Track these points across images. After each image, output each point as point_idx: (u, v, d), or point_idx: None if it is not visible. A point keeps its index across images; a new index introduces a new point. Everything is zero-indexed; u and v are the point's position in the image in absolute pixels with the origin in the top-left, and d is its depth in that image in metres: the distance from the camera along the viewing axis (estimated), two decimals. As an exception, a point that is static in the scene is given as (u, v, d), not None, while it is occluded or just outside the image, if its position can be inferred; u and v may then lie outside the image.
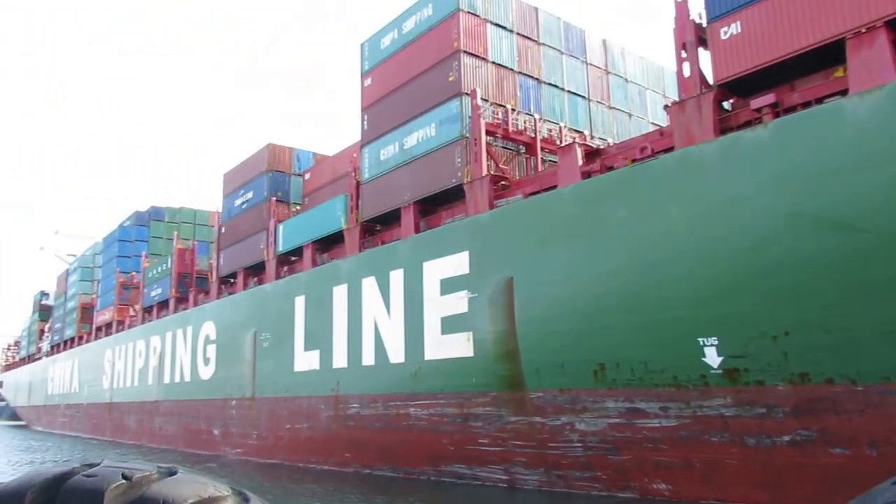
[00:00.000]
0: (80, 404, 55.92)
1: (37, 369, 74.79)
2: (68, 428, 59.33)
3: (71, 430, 58.27)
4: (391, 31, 26.49)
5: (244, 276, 34.46)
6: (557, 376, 17.34)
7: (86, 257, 67.21)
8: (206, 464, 29.61)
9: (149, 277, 47.02)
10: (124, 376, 46.45)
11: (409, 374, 21.64)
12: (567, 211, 17.80)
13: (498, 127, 22.49)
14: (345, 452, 24.42)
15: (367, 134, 26.56)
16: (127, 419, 45.50)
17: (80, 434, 54.81)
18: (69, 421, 59.49)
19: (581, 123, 26.13)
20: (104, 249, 59.78)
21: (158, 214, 56.11)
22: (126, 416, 45.63)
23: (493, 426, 19.02)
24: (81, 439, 50.51)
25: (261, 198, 33.65)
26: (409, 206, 23.50)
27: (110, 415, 48.75)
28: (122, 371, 47.04)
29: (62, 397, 61.96)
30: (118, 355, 48.04)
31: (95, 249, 64.69)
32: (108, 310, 53.44)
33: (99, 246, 63.48)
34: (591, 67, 27.54)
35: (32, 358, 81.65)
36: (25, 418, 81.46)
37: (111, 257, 55.83)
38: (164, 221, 55.20)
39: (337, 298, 25.38)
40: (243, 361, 31.07)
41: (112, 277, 53.54)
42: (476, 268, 19.89)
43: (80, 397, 55.99)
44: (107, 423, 49.43)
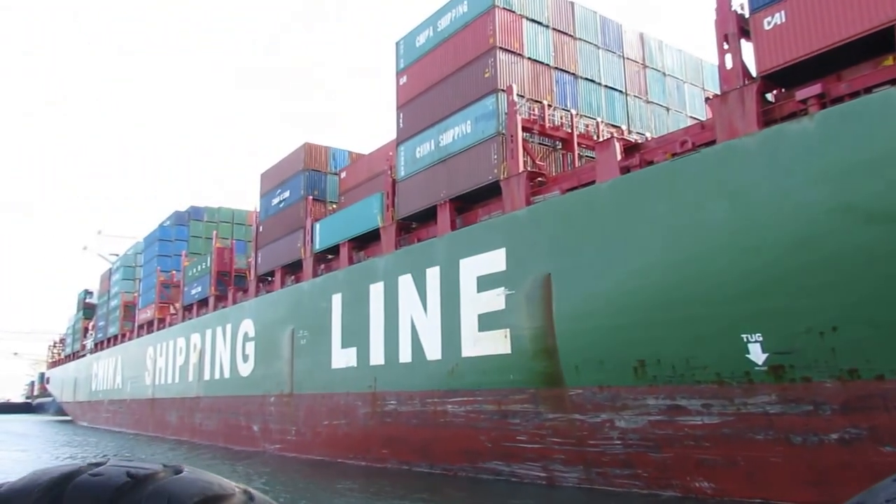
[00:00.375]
0: (124, 400, 57.22)
1: (81, 366, 76.74)
2: (112, 423, 60.74)
3: (115, 425, 59.65)
4: (426, 29, 26.53)
5: (282, 275, 34.87)
6: (596, 373, 17.20)
7: (128, 256, 68.73)
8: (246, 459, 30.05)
9: (189, 276, 47.87)
10: (166, 373, 47.40)
11: (447, 371, 21.67)
12: (606, 206, 17.63)
13: (534, 123, 22.38)
14: (382, 449, 24.56)
15: (403, 132, 26.65)
16: (168, 415, 46.41)
17: (123, 429, 56.10)
18: (113, 416, 60.92)
19: (618, 118, 25.85)
20: (145, 249, 61.05)
21: (197, 214, 57.08)
22: (168, 412, 46.55)
23: (532, 423, 18.94)
24: (124, 434, 51.67)
25: (297, 197, 34.02)
26: (445, 204, 23.52)
27: (152, 411, 49.77)
28: (163, 368, 48.01)
29: (106, 393, 63.48)
30: (160, 352, 49.04)
31: (137, 249, 66.11)
32: (150, 308, 54.57)
33: (140, 245, 64.86)
34: (628, 62, 27.21)
35: (77, 355, 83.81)
36: (71, 413, 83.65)
37: (152, 256, 56.99)
38: (203, 221, 56.12)
39: (373, 296, 25.53)
40: (281, 358, 31.46)
41: (153, 276, 54.67)
42: (513, 265, 19.83)
43: (124, 393, 57.29)
44: (149, 418, 50.47)
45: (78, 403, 77.55)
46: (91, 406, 70.31)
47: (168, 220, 58.71)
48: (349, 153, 35.86)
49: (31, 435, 56.84)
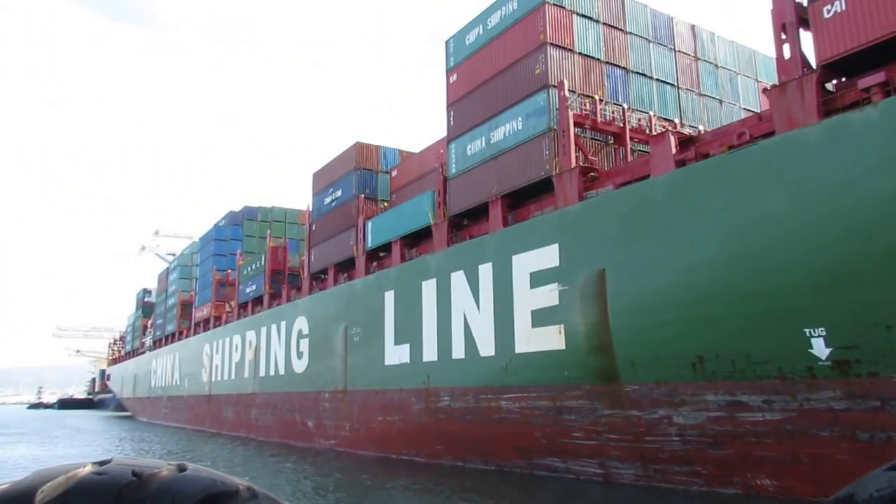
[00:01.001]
0: (182, 396, 58.91)
1: (141, 363, 79.27)
2: (170, 419, 62.61)
3: (173, 420, 61.47)
4: (476, 27, 26.68)
5: (334, 272, 35.47)
6: (653, 369, 17.09)
7: (184, 256, 70.75)
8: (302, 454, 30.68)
9: (244, 275, 49.03)
10: (222, 369, 48.65)
11: (500, 368, 21.78)
12: (661, 200, 17.50)
13: (586, 118, 22.30)
14: (436, 445, 24.81)
15: (454, 130, 26.84)
16: (225, 411, 47.61)
17: (181, 425, 57.75)
18: (171, 412, 62.78)
19: (670, 112, 25.55)
20: (201, 248, 62.75)
21: (251, 214, 58.42)
22: (224, 407, 47.76)
23: (587, 419, 18.92)
24: (183, 430, 53.18)
25: (349, 195, 34.56)
26: (497, 200, 23.62)
27: (209, 407, 51.14)
28: (219, 364, 49.28)
29: (164, 389, 65.46)
30: (216, 349, 50.36)
31: (193, 248, 68.01)
32: (206, 306, 56.08)
33: (196, 245, 66.71)
34: (679, 54, 26.87)
35: (136, 352, 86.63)
36: (131, 409, 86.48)
37: (208, 256, 58.55)
38: (257, 220, 57.43)
39: (426, 293, 25.81)
40: (335, 355, 32.01)
41: (209, 275, 56.16)
42: (566, 260, 19.82)
43: (181, 390, 58.99)
44: (206, 414, 51.87)
45: (137, 399, 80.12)
46: (150, 402, 72.55)
47: (223, 219, 60.25)
48: (399, 152, 36.26)
49: (93, 431, 59.02)
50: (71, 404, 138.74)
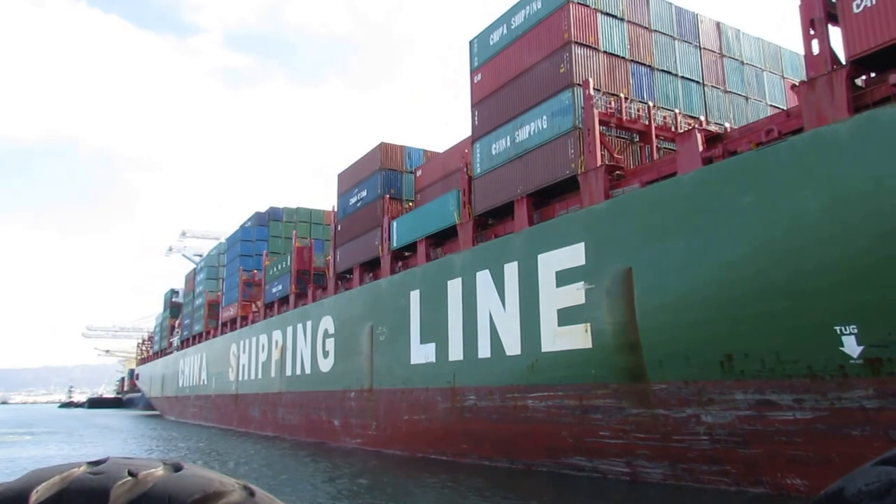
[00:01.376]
0: (209, 395, 59.67)
1: (169, 362, 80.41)
2: (198, 418, 63.43)
3: (201, 419, 62.29)
4: (500, 27, 26.74)
5: (360, 272, 35.72)
6: (681, 368, 17.02)
7: (211, 257, 71.66)
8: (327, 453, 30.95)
9: (270, 275, 49.54)
10: (249, 369, 49.21)
11: (526, 367, 21.81)
12: (688, 198, 17.42)
13: (611, 116, 22.27)
14: (462, 444, 24.90)
15: (478, 129, 26.92)
16: (252, 410, 48.15)
17: (208, 424, 58.50)
18: (199, 411, 63.61)
19: (696, 109, 25.40)
20: (228, 249, 63.51)
21: (277, 215, 58.98)
22: (251, 406, 48.31)
23: (614, 418, 18.89)
24: (210, 429, 53.86)
25: (374, 195, 34.79)
26: (523, 199, 23.66)
27: (236, 405, 51.74)
28: (246, 364, 49.85)
29: (192, 389, 66.33)
30: (243, 349, 50.94)
31: (220, 249, 68.86)
32: (233, 306, 56.73)
33: (223, 246, 67.52)
34: (704, 51, 26.67)
35: (164, 352, 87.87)
36: (159, 408, 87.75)
37: (234, 256, 59.22)
38: (283, 221, 57.95)
39: (451, 292, 25.92)
40: (361, 354, 32.25)
41: (236, 275, 56.79)
42: (592, 259, 19.81)
43: (209, 389, 59.75)
44: (233, 413, 52.49)
45: (165, 398, 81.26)
46: (178, 401, 73.55)
47: (249, 220, 60.91)
48: (424, 152, 36.41)
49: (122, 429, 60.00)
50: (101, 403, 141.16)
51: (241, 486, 1.81)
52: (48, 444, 42.17)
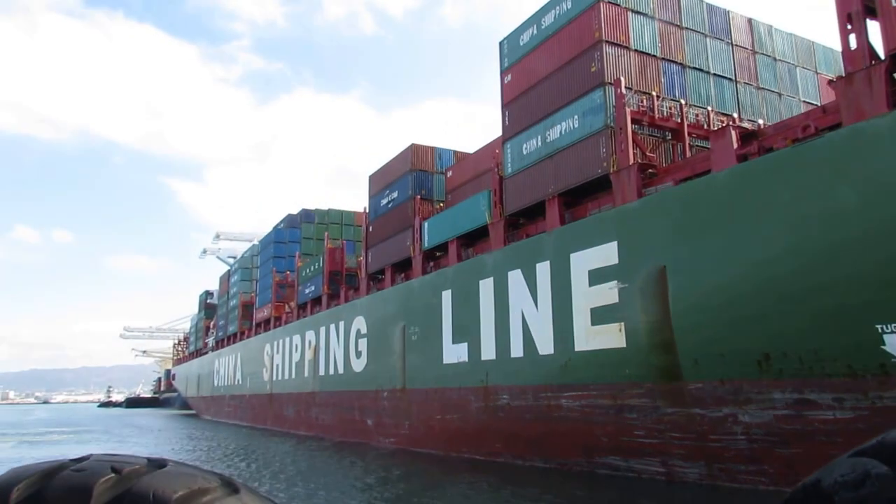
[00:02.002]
0: (244, 395, 60.51)
1: (204, 363, 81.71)
2: (233, 417, 64.35)
3: (236, 419, 63.17)
4: (529, 28, 26.78)
5: (391, 273, 35.99)
6: (717, 367, 16.91)
7: (245, 258, 72.70)
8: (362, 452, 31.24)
9: (302, 276, 50.12)
10: (282, 369, 49.83)
11: (559, 366, 21.82)
12: (723, 196, 17.29)
13: (643, 115, 22.18)
14: (495, 443, 24.97)
15: (509, 129, 26.98)
16: (286, 409, 48.74)
17: (243, 423, 59.32)
18: (234, 411, 64.53)
19: (728, 106, 25.15)
20: (261, 251, 64.39)
21: (308, 217, 59.65)
22: (285, 406, 48.91)
23: (649, 418, 18.81)
24: (245, 428, 54.64)
25: (405, 196, 35.04)
26: (554, 199, 23.66)
27: (271, 405, 52.42)
28: (280, 364, 50.49)
29: (227, 388, 67.33)
30: (276, 349, 51.61)
31: (253, 251, 69.84)
32: (267, 307, 57.50)
33: (256, 248, 68.49)
34: (736, 48, 26.40)
35: (200, 352, 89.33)
36: (195, 408, 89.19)
37: (268, 258, 60.03)
38: (314, 223, 58.61)
39: (483, 292, 26.01)
40: (393, 354, 32.50)
41: (269, 277, 57.57)
42: (625, 258, 19.76)
43: (243, 389, 60.60)
44: (268, 413, 53.17)
45: (201, 398, 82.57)
46: (213, 400, 74.69)
47: (281, 222, 61.71)
48: (454, 152, 36.56)
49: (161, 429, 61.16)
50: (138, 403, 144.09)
51: (224, 481, 1.80)
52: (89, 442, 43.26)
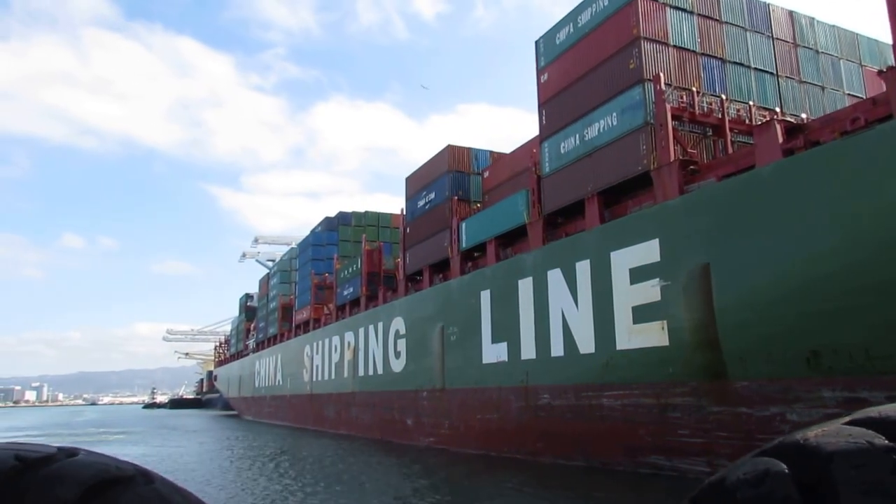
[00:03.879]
0: (284, 396, 61.32)
1: (245, 364, 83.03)
2: (274, 417, 65.25)
3: (276, 419, 64.04)
4: (566, 26, 26.69)
5: (429, 273, 36.15)
6: (764, 365, 16.64)
7: (283, 261, 73.69)
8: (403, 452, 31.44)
9: (341, 278, 50.62)
10: (322, 370, 50.39)
11: (601, 365, 21.69)
12: (769, 191, 17.01)
13: (683, 111, 21.93)
14: (536, 443, 24.91)
15: (546, 128, 26.92)
16: (326, 409, 49.27)
17: (284, 423, 60.10)
18: (274, 411, 65.43)
19: (770, 101, 24.71)
20: (300, 254, 65.18)
21: (346, 219, 60.22)
22: (325, 406, 49.44)
23: (693, 417, 18.59)
24: (286, 428, 55.35)
25: (443, 198, 35.17)
26: (593, 197, 23.54)
27: (311, 405, 53.02)
28: (320, 365, 51.07)
29: (268, 389, 68.33)
30: (316, 351, 52.21)
31: (292, 254, 70.75)
32: (306, 309, 58.19)
33: (295, 250, 69.37)
34: (777, 41, 25.93)
35: (241, 354, 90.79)
36: (237, 408, 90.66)
37: (306, 260, 60.74)
38: (352, 225, 59.14)
39: (522, 291, 25.98)
40: (432, 354, 32.64)
41: (308, 279, 58.24)
42: (667, 255, 19.57)
43: (284, 389, 61.42)
44: (308, 413, 53.80)
45: (242, 399, 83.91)
46: (254, 401, 75.84)
47: (319, 225, 62.42)
48: (490, 153, 36.59)
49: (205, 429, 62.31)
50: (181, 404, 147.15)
51: (140, 472, 1.73)
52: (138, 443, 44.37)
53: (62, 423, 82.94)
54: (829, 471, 1.53)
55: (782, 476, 1.58)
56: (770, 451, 1.70)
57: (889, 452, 1.55)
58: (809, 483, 1.55)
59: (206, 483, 22.37)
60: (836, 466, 1.53)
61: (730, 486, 1.65)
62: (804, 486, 1.55)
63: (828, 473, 1.53)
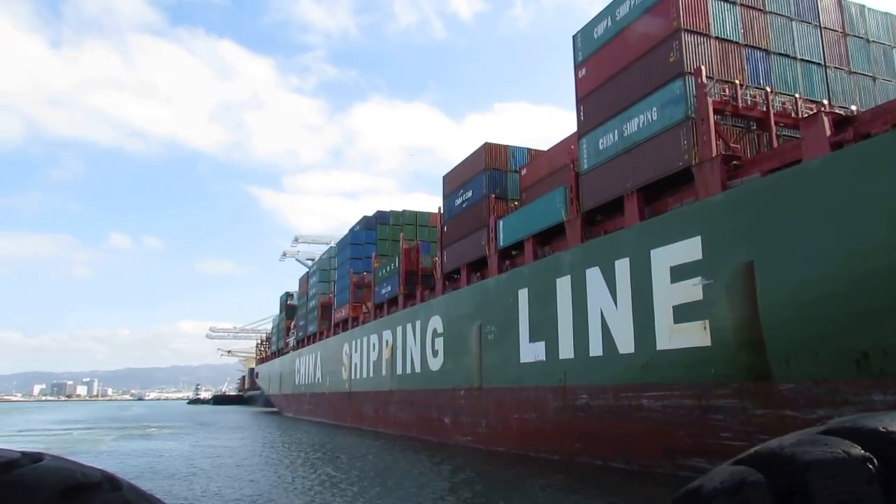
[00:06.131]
0: (324, 393, 61.89)
1: (285, 362, 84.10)
2: (314, 415, 65.92)
3: (316, 416, 64.69)
4: (604, 20, 26.25)
5: (467, 272, 36.01)
6: (811, 366, 16.07)
7: (322, 260, 74.44)
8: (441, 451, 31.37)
9: (379, 277, 50.83)
10: (361, 368, 50.68)
11: (640, 365, 21.27)
12: (816, 186, 16.41)
13: (725, 104, 21.35)
14: (574, 443, 24.57)
15: (584, 125, 26.52)
16: (364, 407, 49.53)
17: (323, 420, 60.67)
18: (314, 408, 66.11)
19: (818, 93, 23.90)
20: (338, 253, 65.71)
21: (384, 218, 60.49)
22: (363, 404, 49.70)
23: (736, 419, 18.08)
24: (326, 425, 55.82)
25: (480, 196, 34.97)
26: (633, 194, 23.09)
27: (350, 403, 53.38)
28: (358, 363, 51.36)
29: (308, 387, 69.06)
30: (355, 349, 52.52)
31: (331, 253, 71.39)
32: (344, 307, 58.62)
33: (333, 250, 69.95)
34: (825, 31, 25.07)
35: (281, 352, 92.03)
36: (277, 405, 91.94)
37: (345, 260, 61.18)
38: (389, 224, 59.38)
39: (560, 290, 25.65)
40: (470, 353, 32.49)
41: (346, 278, 58.68)
42: (710, 253, 19.06)
43: (323, 387, 61.99)
44: (347, 410, 54.18)
45: (283, 396, 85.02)
46: (294, 398, 76.75)
47: (357, 225, 62.83)
48: (528, 150, 36.25)
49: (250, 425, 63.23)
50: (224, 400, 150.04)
51: (107, 478, 1.69)
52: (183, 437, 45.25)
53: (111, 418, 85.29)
54: (805, 480, 1.54)
55: (758, 485, 1.58)
56: (746, 459, 1.71)
57: (865, 462, 1.56)
58: (785, 492, 1.55)
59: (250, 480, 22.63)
60: (812, 476, 1.54)
61: (706, 494, 1.64)
62: (780, 495, 1.56)
63: (804, 483, 1.54)
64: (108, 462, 28.56)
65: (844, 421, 1.76)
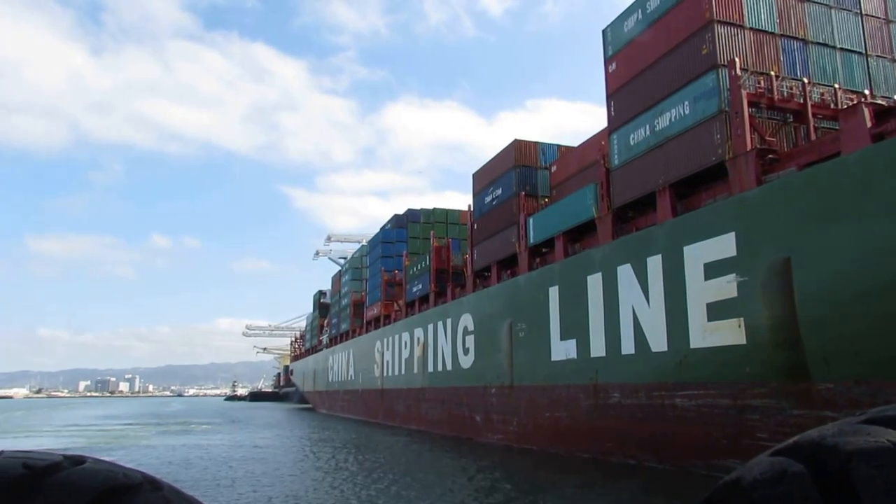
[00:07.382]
0: (356, 390, 62.27)
1: (319, 359, 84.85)
2: (347, 411, 66.40)
3: (349, 413, 65.15)
4: (634, 13, 25.81)
5: (497, 270, 35.80)
6: (851, 366, 15.57)
7: (354, 259, 74.83)
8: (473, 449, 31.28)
9: (410, 275, 50.88)
10: (393, 365, 50.82)
11: (673, 364, 20.88)
12: (857, 179, 15.86)
13: (761, 96, 20.80)
14: (606, 442, 24.27)
15: (615, 120, 26.12)
16: (397, 404, 49.68)
17: (356, 417, 61.06)
18: (347, 405, 66.57)
19: (859, 83, 23.12)
20: (370, 251, 65.99)
21: (414, 216, 60.57)
22: (396, 401, 49.85)
23: (773, 419, 17.62)
24: (359, 422, 56.18)
25: (510, 193, 34.72)
26: (665, 190, 22.66)
27: (382, 400, 53.60)
28: (390, 361, 51.52)
29: (341, 384, 69.57)
30: (387, 346, 52.69)
31: (363, 251, 71.75)
32: (376, 305, 58.85)
33: (365, 248, 70.30)
34: (867, 18, 24.25)
35: (315, 349, 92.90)
36: (311, 402, 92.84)
37: (376, 258, 61.42)
38: (420, 223, 59.42)
39: (591, 287, 25.32)
40: (501, 351, 32.31)
41: (378, 276, 58.90)
42: (744, 249, 18.60)
43: (356, 384, 62.36)
44: (379, 407, 54.41)
45: (317, 393, 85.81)
46: (328, 395, 77.41)
47: (388, 223, 63.04)
48: (557, 147, 35.87)
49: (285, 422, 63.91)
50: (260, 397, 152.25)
51: (147, 479, 1.72)
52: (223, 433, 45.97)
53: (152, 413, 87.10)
54: (847, 470, 1.50)
55: (801, 476, 1.55)
56: (784, 450, 1.67)
57: None
58: (827, 483, 1.52)
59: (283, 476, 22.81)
60: (855, 466, 1.50)
61: (746, 486, 1.60)
62: (822, 485, 1.52)
63: (846, 473, 1.50)
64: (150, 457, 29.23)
65: (885, 409, 1.72)
